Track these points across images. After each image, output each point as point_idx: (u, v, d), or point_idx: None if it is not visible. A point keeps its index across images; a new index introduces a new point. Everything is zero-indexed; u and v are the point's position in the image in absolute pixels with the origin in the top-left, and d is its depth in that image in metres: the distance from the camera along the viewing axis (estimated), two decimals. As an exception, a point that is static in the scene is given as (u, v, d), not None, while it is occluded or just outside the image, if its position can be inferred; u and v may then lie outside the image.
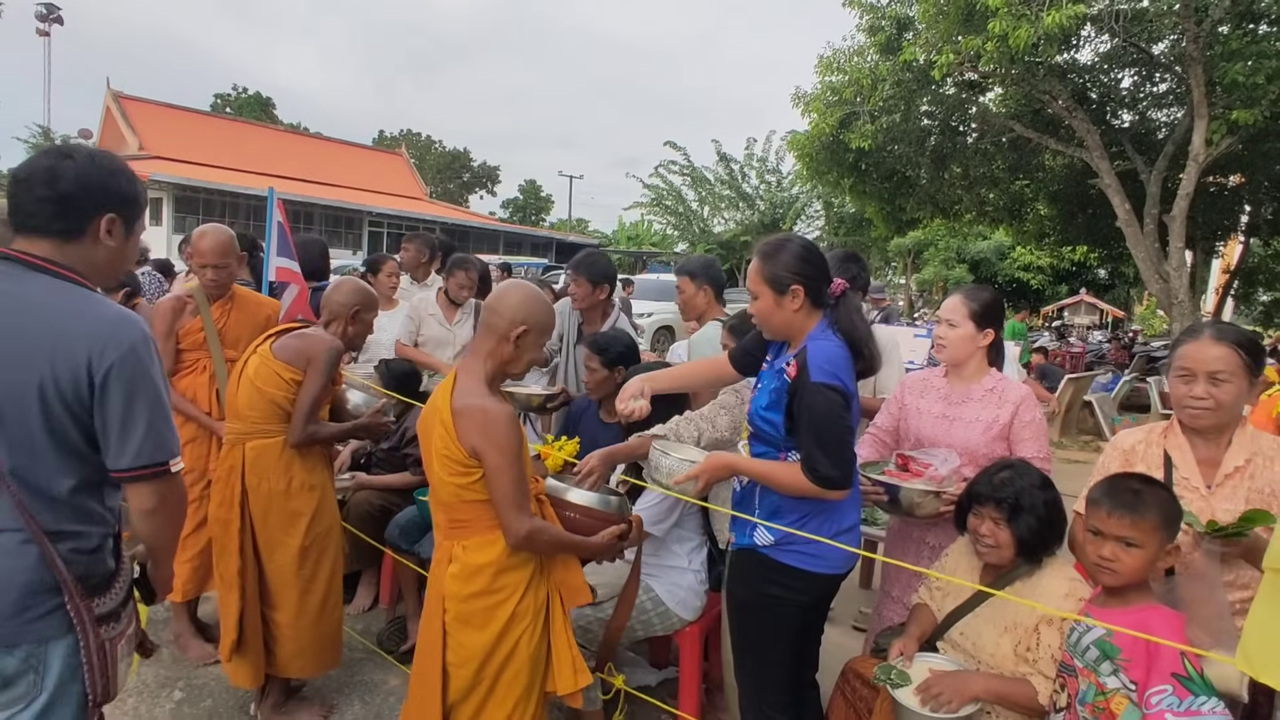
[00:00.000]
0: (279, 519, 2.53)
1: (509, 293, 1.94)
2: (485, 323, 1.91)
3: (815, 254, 1.98)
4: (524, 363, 1.95)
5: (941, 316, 2.42)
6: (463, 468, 1.79)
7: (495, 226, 36.47)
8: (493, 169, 56.11)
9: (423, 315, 4.10)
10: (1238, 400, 1.77)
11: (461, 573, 1.85)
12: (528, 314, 1.89)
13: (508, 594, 1.85)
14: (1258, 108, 7.37)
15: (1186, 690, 1.41)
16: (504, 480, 1.78)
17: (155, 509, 1.43)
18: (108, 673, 1.43)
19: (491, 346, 1.89)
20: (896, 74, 9.36)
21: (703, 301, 3.06)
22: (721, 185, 27.08)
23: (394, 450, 3.55)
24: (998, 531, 1.96)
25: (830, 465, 1.82)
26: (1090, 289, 21.27)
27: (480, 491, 1.81)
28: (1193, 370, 1.79)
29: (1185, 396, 1.81)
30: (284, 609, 2.55)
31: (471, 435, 1.77)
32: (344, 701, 2.80)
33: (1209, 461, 1.83)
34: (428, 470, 1.93)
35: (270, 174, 28.34)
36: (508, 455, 1.77)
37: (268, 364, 2.53)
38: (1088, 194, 10.67)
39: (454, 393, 1.85)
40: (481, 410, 1.78)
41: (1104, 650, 1.54)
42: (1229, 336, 1.77)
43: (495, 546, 1.84)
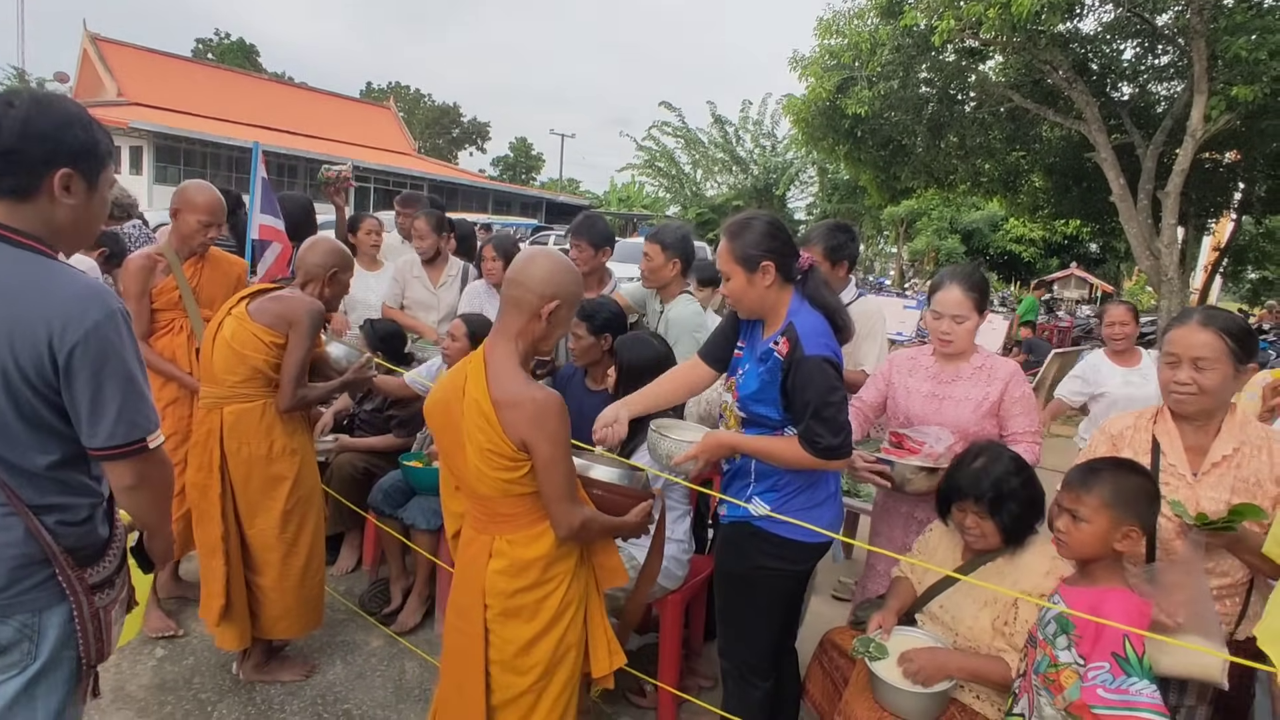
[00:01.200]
0: (260, 484, 2.51)
1: (536, 264, 1.73)
2: (512, 299, 1.72)
3: (781, 229, 1.99)
4: (556, 339, 1.80)
5: (944, 312, 2.35)
6: (511, 462, 1.65)
7: (485, 184, 35.95)
8: (483, 125, 55.13)
9: (407, 278, 4.03)
10: (1222, 387, 1.76)
11: (510, 568, 1.72)
12: (559, 286, 1.72)
13: (556, 584, 1.75)
14: (1258, 84, 7.28)
15: (1121, 670, 1.45)
16: (556, 473, 1.66)
17: (135, 485, 1.37)
18: (101, 637, 1.41)
19: (522, 325, 1.72)
20: (896, 39, 9.18)
21: (669, 273, 3.02)
22: (715, 148, 26.71)
23: (377, 412, 3.51)
24: (981, 523, 1.98)
25: (831, 435, 1.86)
26: (1081, 263, 21.34)
27: (529, 484, 1.68)
28: (1179, 355, 1.79)
29: (1170, 381, 1.81)
30: (267, 573, 2.55)
31: (521, 427, 1.62)
32: (325, 661, 2.81)
33: (1196, 449, 1.83)
34: (455, 461, 1.77)
35: (254, 124, 27.73)
36: (561, 446, 1.65)
37: (245, 327, 2.48)
38: (1083, 167, 10.59)
39: (491, 381, 1.67)
40: (531, 400, 1.63)
41: (1061, 625, 1.58)
42: (1216, 323, 1.76)
43: (545, 539, 1.72)
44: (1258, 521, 1.65)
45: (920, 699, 1.81)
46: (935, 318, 2.39)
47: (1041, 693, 1.60)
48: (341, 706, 2.57)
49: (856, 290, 3.05)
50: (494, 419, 1.64)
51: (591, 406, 2.90)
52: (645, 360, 2.56)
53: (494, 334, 1.76)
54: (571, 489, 1.70)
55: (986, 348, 7.47)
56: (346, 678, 2.73)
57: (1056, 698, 1.54)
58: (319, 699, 2.59)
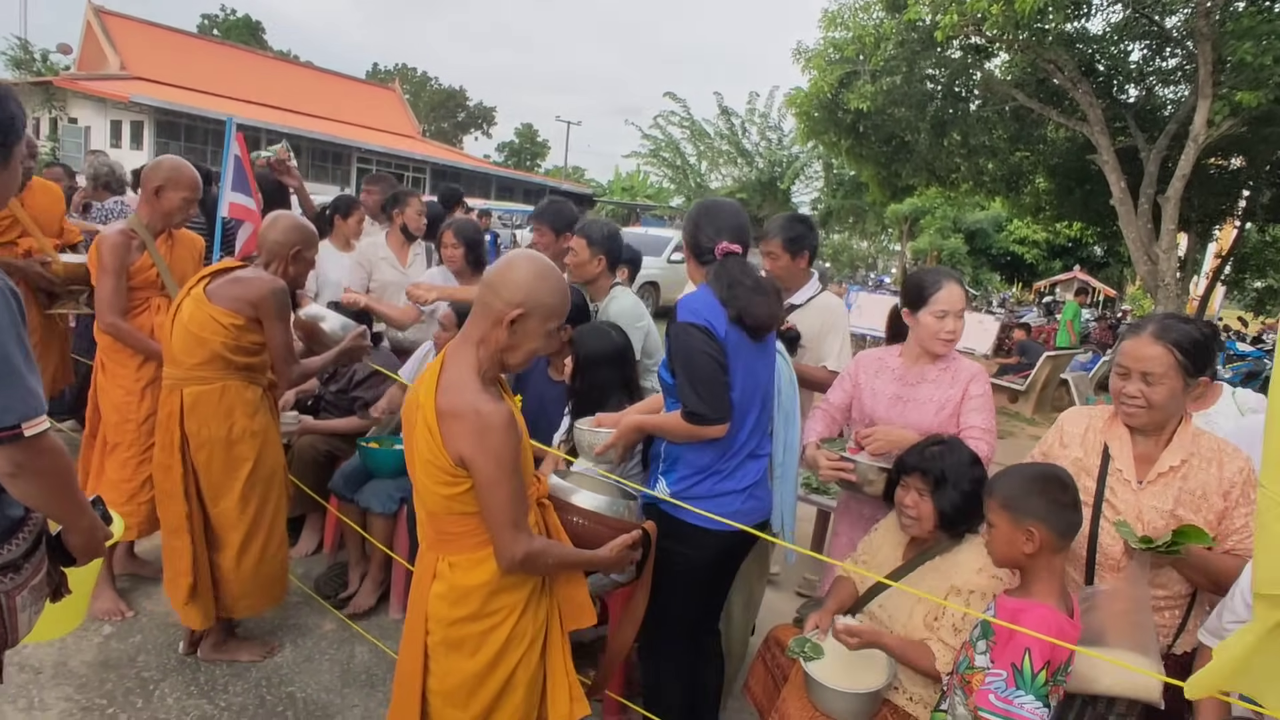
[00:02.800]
0: (221, 465, 2.48)
1: (510, 267, 1.58)
2: (480, 301, 1.59)
3: (701, 216, 2.12)
4: (524, 353, 1.62)
5: (949, 309, 2.29)
6: (450, 476, 1.52)
7: (488, 170, 35.87)
8: (489, 110, 54.95)
9: (374, 260, 3.97)
10: (1170, 400, 1.72)
11: (449, 594, 1.59)
12: (528, 294, 1.55)
13: (503, 617, 1.61)
14: (1264, 89, 7.19)
15: (1015, 682, 1.47)
16: (498, 495, 1.51)
17: (14, 474, 1.28)
18: (4, 621, 1.36)
19: (484, 331, 1.57)
20: (900, 33, 9.07)
21: (594, 270, 2.97)
22: (721, 140, 26.55)
23: (342, 393, 3.47)
24: (920, 503, 1.97)
25: (697, 400, 1.90)
26: (1085, 266, 21.22)
27: (471, 503, 1.55)
28: (1129, 368, 1.75)
29: (1120, 392, 1.78)
30: (228, 552, 2.52)
31: (459, 441, 1.49)
32: (274, 641, 2.77)
33: (1145, 457, 1.80)
34: (410, 468, 1.66)
35: (257, 102, 27.64)
36: (504, 466, 1.50)
37: (202, 309, 2.44)
38: (1087, 169, 10.49)
39: (440, 387, 1.54)
40: (473, 412, 1.49)
41: (984, 630, 1.60)
42: (1168, 336, 1.71)
43: (488, 565, 1.59)
44: (1203, 545, 1.62)
45: (853, 699, 1.78)
46: (939, 317, 2.29)
47: (957, 691, 1.62)
48: (286, 689, 2.54)
49: (818, 285, 2.99)
50: (435, 428, 1.51)
51: (554, 397, 2.88)
52: (603, 351, 2.51)
53: (459, 338, 1.63)
54: (517, 515, 1.55)
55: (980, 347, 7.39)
56: (294, 660, 2.70)
57: (969, 698, 1.55)
58: (264, 681, 2.57)
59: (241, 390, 2.50)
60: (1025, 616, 1.50)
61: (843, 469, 2.23)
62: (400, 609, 3.03)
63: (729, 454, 2.08)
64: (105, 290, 2.73)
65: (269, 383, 2.63)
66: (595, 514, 1.80)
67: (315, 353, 2.84)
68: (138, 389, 2.88)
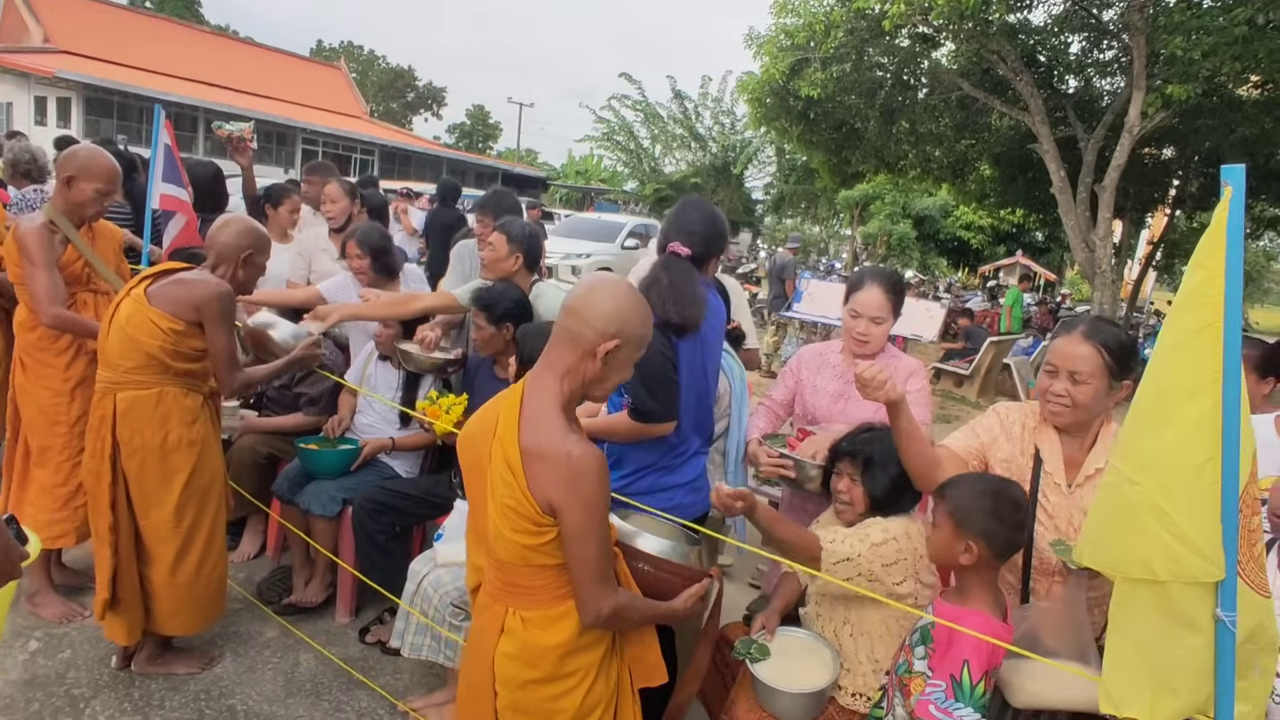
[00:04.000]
0: (154, 475, 2.38)
1: (599, 294, 1.46)
2: (566, 329, 1.46)
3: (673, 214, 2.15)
4: (611, 385, 1.52)
5: (863, 313, 2.32)
6: (534, 525, 1.40)
7: (439, 152, 35.09)
8: (439, 90, 53.66)
9: (313, 251, 3.85)
10: (1095, 401, 1.76)
11: (521, 654, 1.47)
12: (622, 323, 1.45)
13: (578, 680, 1.49)
14: (1193, 83, 7.46)
15: (954, 694, 1.48)
16: (588, 546, 1.40)
17: None
18: None
19: (572, 362, 1.45)
20: (850, 21, 9.15)
21: (511, 266, 2.91)
22: (675, 124, 26.51)
23: (285, 389, 3.36)
24: (853, 488, 2.00)
25: (648, 398, 1.94)
26: (1027, 251, 21.80)
27: (554, 555, 1.43)
28: (1058, 366, 1.78)
29: (1048, 391, 1.81)
30: (159, 567, 2.42)
31: (549, 486, 1.37)
32: (214, 653, 2.69)
33: (1073, 461, 1.84)
34: (478, 510, 1.50)
35: (194, 79, 26.50)
36: (596, 515, 1.40)
37: (141, 311, 2.33)
38: (1029, 158, 10.76)
39: (524, 424, 1.42)
40: (565, 455, 1.37)
41: (923, 635, 1.62)
42: (1098, 336, 1.75)
43: (567, 623, 1.47)
44: None
45: (797, 700, 1.80)
46: (853, 317, 2.36)
47: (896, 693, 1.64)
48: (226, 702, 2.47)
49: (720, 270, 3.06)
50: (519, 471, 1.39)
51: (501, 394, 2.84)
52: (546, 351, 2.48)
53: (539, 368, 1.49)
54: (605, 567, 1.44)
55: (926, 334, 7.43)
56: (235, 671, 2.62)
57: (907, 701, 1.58)
58: (203, 694, 2.49)
59: (180, 397, 2.40)
60: (962, 625, 1.51)
61: (782, 465, 2.26)
62: (347, 614, 2.97)
63: (674, 451, 2.10)
64: (40, 285, 2.59)
65: (210, 390, 2.53)
66: (665, 561, 1.66)
67: (263, 362, 2.75)
68: (66, 389, 2.75)
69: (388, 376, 3.17)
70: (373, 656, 2.77)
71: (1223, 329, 0.98)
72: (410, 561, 2.61)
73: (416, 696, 2.53)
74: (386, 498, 2.85)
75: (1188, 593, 1.05)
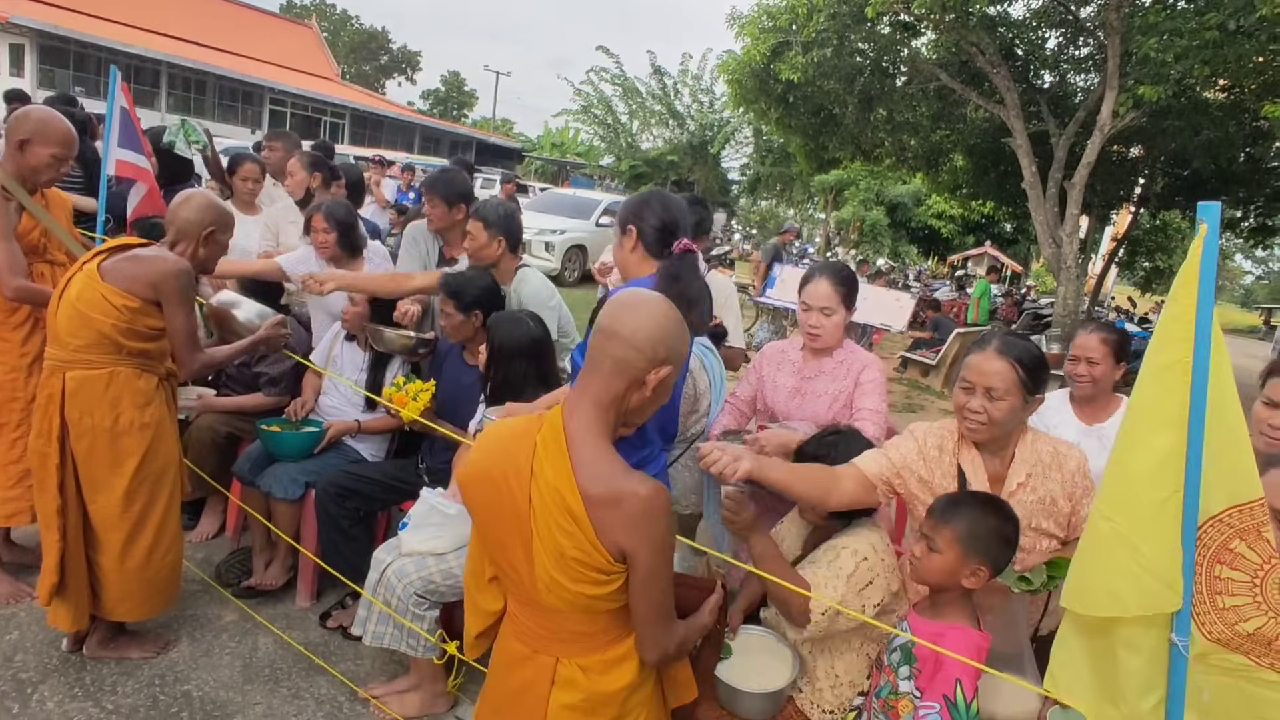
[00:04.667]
0: (104, 458, 2.30)
1: (645, 316, 1.33)
2: (612, 356, 1.32)
3: (663, 207, 2.04)
4: (651, 413, 1.43)
5: (813, 305, 2.35)
6: (604, 575, 1.29)
7: (413, 119, 34.38)
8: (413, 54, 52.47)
9: (281, 223, 3.75)
10: (1011, 417, 1.77)
11: (584, 704, 1.37)
12: (671, 347, 1.34)
13: (635, 715, 1.44)
14: (1164, 85, 7.57)
15: (950, 714, 1.46)
16: (657, 588, 1.32)
17: None
18: None
19: (619, 391, 1.33)
20: (832, 5, 9.12)
21: (494, 252, 2.84)
22: (653, 100, 26.25)
23: (245, 367, 3.27)
24: None
25: None
26: (995, 242, 22.13)
27: (619, 599, 1.33)
28: (973, 383, 1.78)
29: (964, 407, 1.81)
30: (108, 552, 2.35)
31: (620, 532, 1.27)
32: (170, 637, 2.64)
33: (997, 477, 1.85)
34: (506, 557, 1.38)
35: (156, 31, 25.50)
36: (667, 556, 1.32)
37: (94, 286, 2.24)
38: (1002, 151, 10.88)
39: (578, 466, 1.29)
40: (635, 496, 1.26)
41: (905, 655, 1.59)
42: (1011, 352, 1.76)
43: (629, 664, 1.39)
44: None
45: (756, 699, 1.82)
46: (804, 310, 2.41)
47: (880, 717, 1.61)
48: (181, 687, 2.42)
49: (705, 265, 3.03)
50: (585, 520, 1.27)
51: (469, 383, 2.80)
52: (519, 342, 2.45)
53: (578, 398, 1.35)
54: (671, 606, 1.38)
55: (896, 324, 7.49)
56: (191, 655, 2.58)
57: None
58: (157, 679, 2.44)
59: (132, 378, 2.32)
60: (948, 643, 1.50)
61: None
62: (308, 597, 2.93)
63: (637, 452, 2.09)
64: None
65: (166, 371, 2.45)
66: (681, 575, 1.61)
67: (226, 341, 2.67)
68: (24, 365, 2.67)
69: (354, 357, 3.11)
70: (334, 642, 2.74)
71: (1192, 365, 1.00)
72: (374, 547, 2.58)
73: (378, 684, 2.51)
74: (351, 482, 2.81)
75: (1148, 628, 1.08)
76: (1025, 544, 1.79)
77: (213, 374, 3.40)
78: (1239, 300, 61.30)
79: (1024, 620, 1.73)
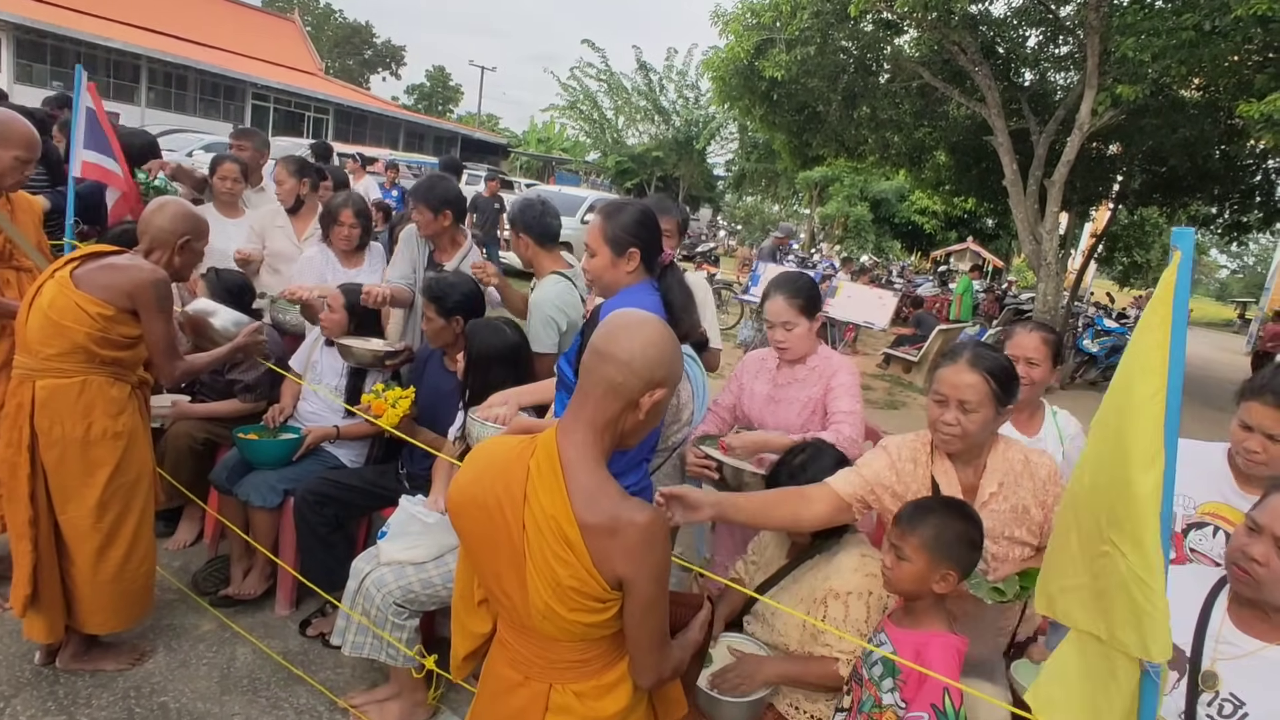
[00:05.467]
0: (75, 468, 2.27)
1: (639, 338, 1.30)
2: (606, 380, 1.29)
3: (653, 221, 2.04)
4: (646, 434, 1.41)
5: (774, 321, 2.38)
6: (599, 604, 1.28)
7: (397, 114, 34.08)
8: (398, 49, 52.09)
9: (269, 227, 3.72)
10: (983, 429, 1.80)
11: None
12: (669, 369, 1.32)
13: None
14: (1141, 84, 7.65)
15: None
16: (655, 615, 1.30)
17: None
18: None
19: (613, 415, 1.31)
20: (816, 3, 9.13)
21: (524, 251, 2.84)
22: (638, 95, 26.23)
23: (218, 374, 3.24)
24: None
25: None
26: (977, 237, 22.28)
27: (614, 625, 1.33)
28: (947, 396, 1.80)
29: (938, 420, 1.83)
30: (80, 563, 2.33)
31: (618, 560, 1.25)
32: (146, 647, 2.62)
33: (971, 488, 1.87)
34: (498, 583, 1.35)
35: (137, 25, 25.12)
36: (663, 582, 1.30)
37: (67, 294, 2.21)
38: (984, 148, 10.93)
39: (574, 493, 1.27)
40: (633, 525, 1.25)
41: (887, 667, 1.60)
42: (983, 365, 1.78)
43: (624, 688, 1.38)
44: None
45: (735, 708, 1.83)
46: (769, 328, 2.44)
47: None
48: (158, 699, 2.41)
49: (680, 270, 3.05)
50: (582, 549, 1.25)
51: (449, 389, 2.79)
52: (494, 350, 2.44)
53: (570, 422, 1.32)
54: (667, 631, 1.37)
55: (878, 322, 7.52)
56: (168, 666, 2.56)
57: None
58: (133, 690, 2.43)
59: (105, 387, 2.30)
60: (931, 652, 1.52)
61: (707, 466, 2.28)
62: (287, 605, 2.92)
63: (625, 457, 2.10)
64: None
65: (139, 380, 2.43)
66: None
67: (203, 349, 2.65)
68: None
69: (334, 363, 3.09)
70: (313, 650, 2.73)
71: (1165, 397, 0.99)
72: (354, 553, 2.57)
73: (357, 693, 2.51)
74: (330, 489, 2.79)
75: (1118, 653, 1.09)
76: (999, 553, 1.81)
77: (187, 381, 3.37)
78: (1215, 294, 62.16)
79: (995, 626, 1.75)
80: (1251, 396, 1.82)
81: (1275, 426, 1.76)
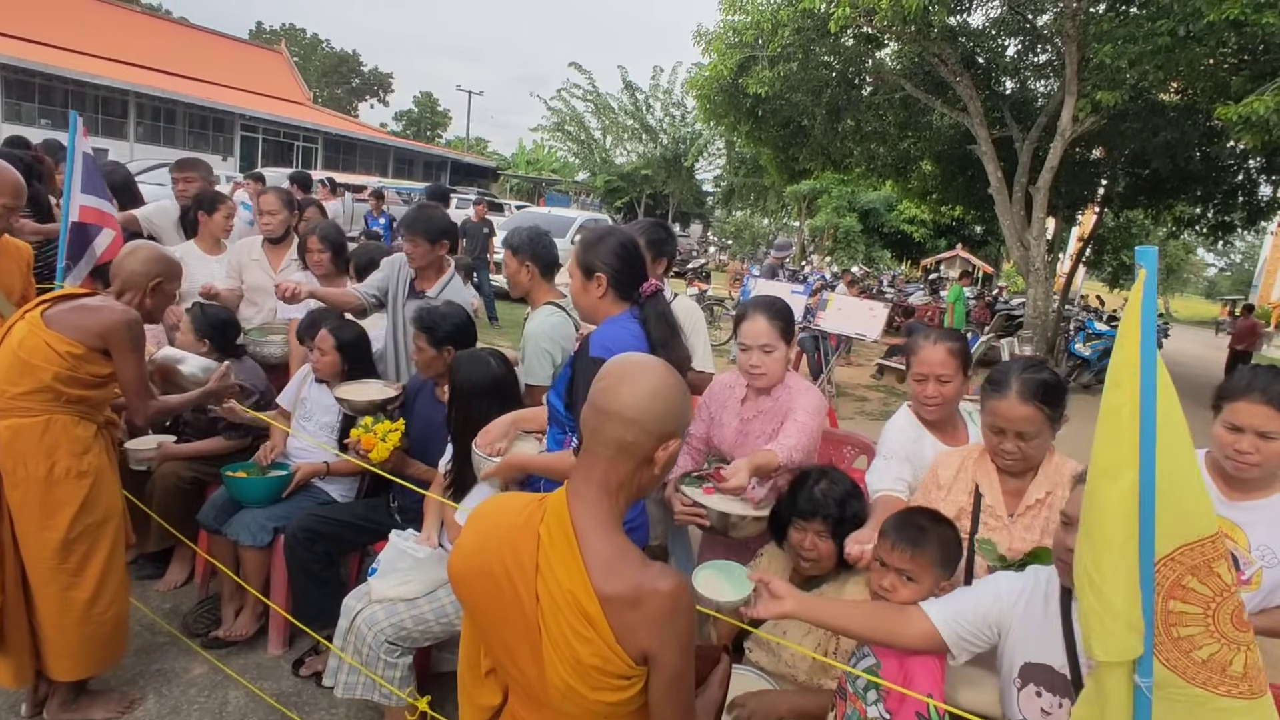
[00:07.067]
0: (37, 508, 2.23)
1: (642, 388, 1.22)
2: (616, 440, 1.21)
3: (627, 251, 2.07)
4: (658, 484, 1.36)
5: (751, 344, 2.29)
6: (623, 680, 1.18)
7: (386, 140, 34.28)
8: (385, 76, 52.50)
9: (244, 261, 3.73)
10: (1041, 449, 1.86)
11: None
12: (679, 418, 1.25)
13: None
14: (1120, 89, 7.75)
15: None
16: (682, 689, 1.22)
17: None
18: None
19: (626, 474, 1.23)
20: (797, 20, 9.23)
21: (525, 279, 2.78)
22: (625, 115, 26.42)
23: (201, 412, 3.22)
24: (820, 544, 1.99)
25: None
26: (966, 244, 22.39)
27: (638, 702, 1.22)
28: (1004, 428, 1.84)
29: (998, 447, 1.87)
30: (44, 607, 2.28)
31: (644, 633, 1.16)
32: (135, 694, 2.58)
33: (1014, 493, 1.90)
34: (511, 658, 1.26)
35: (125, 61, 25.31)
36: (690, 654, 1.22)
37: (38, 334, 2.20)
38: (969, 156, 11.03)
39: (591, 563, 1.18)
40: (656, 594, 1.16)
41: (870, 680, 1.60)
42: (1035, 397, 1.80)
43: None
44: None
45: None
46: (744, 350, 2.32)
47: None
48: (149, 747, 2.37)
49: (672, 292, 3.01)
50: (603, 624, 1.15)
51: (441, 421, 2.76)
52: (477, 383, 2.40)
53: (581, 485, 1.24)
54: (694, 702, 1.28)
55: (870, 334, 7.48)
56: (158, 712, 2.52)
57: None
58: (123, 739, 2.39)
59: (70, 426, 2.27)
60: (914, 663, 1.53)
61: (696, 515, 2.15)
62: (280, 645, 2.88)
63: None
64: None
65: (106, 420, 2.41)
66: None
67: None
68: None
69: (323, 399, 3.07)
70: (307, 690, 2.69)
71: (1139, 407, 1.01)
72: (346, 590, 2.54)
73: (352, 733, 2.47)
74: (321, 525, 2.77)
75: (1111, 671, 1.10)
76: None
77: (170, 420, 3.35)
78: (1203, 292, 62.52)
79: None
80: (1238, 396, 1.78)
81: (1268, 423, 1.72)
